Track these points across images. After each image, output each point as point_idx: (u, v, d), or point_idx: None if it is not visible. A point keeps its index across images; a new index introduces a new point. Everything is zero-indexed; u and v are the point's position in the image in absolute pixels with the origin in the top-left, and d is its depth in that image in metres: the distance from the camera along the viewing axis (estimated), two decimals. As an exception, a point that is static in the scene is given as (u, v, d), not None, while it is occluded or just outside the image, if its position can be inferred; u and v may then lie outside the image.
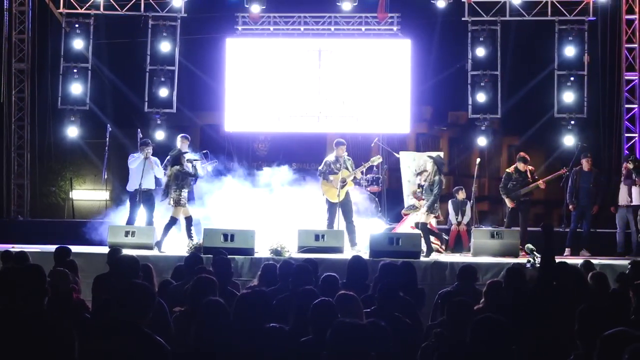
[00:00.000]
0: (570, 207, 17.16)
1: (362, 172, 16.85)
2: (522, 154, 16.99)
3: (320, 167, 16.45)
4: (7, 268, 8.93)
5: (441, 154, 18.69)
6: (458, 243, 17.31)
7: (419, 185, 16.68)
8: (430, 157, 15.86)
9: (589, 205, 16.99)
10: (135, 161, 16.40)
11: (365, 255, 13.81)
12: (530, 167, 16.80)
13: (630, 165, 16.78)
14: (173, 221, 15.64)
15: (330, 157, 16.40)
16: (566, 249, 16.76)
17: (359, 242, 15.66)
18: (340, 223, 16.01)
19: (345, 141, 16.56)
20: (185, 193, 15.67)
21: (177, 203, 15.59)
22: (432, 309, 9.41)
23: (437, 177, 15.31)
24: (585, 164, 17.08)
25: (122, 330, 5.49)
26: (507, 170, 16.99)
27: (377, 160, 16.91)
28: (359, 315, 6.56)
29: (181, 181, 15.60)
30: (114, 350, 5.31)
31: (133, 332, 5.48)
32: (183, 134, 16.74)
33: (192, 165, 15.86)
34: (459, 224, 17.59)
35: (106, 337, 5.45)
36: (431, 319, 9.10)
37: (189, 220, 15.80)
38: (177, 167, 15.64)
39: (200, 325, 6.04)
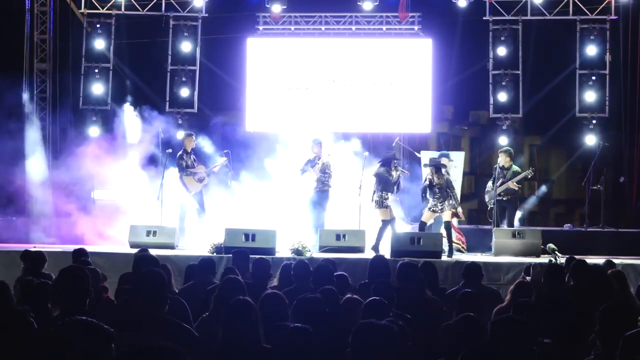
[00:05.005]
0: None
1: None
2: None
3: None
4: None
5: (462, 153, 18.67)
6: None
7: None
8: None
9: None
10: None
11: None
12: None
13: None
14: (385, 224, 15.55)
15: None
16: None
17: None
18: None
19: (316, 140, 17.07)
20: (387, 195, 15.56)
21: (380, 205, 15.55)
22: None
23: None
24: None
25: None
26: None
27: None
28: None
29: (385, 184, 15.56)
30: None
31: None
32: (188, 132, 17.15)
33: (398, 175, 15.81)
34: None
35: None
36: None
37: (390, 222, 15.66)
38: (384, 169, 15.61)
39: (226, 325, 6.02)
